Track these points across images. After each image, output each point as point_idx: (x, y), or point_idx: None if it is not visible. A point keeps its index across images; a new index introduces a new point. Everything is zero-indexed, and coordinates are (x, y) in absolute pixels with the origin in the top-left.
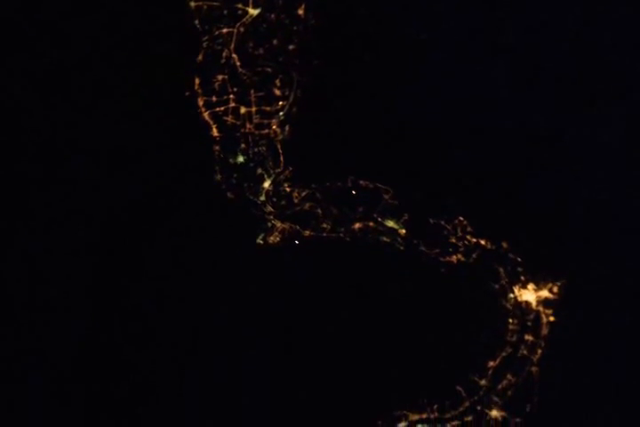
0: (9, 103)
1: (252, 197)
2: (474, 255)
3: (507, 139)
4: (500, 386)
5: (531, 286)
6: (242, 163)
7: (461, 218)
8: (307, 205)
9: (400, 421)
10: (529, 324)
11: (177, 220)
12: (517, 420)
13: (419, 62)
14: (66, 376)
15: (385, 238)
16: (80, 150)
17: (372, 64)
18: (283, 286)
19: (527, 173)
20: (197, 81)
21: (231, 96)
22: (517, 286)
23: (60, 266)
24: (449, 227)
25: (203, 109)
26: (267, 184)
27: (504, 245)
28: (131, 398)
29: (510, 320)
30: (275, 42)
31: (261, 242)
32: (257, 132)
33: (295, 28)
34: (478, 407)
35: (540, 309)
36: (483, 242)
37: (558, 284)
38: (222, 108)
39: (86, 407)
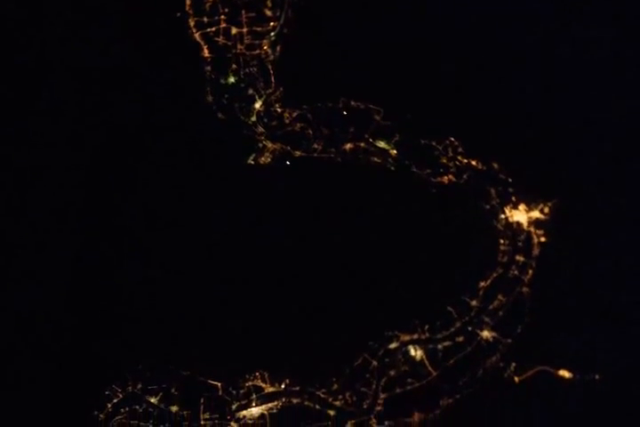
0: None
1: (243, 118)
2: (465, 176)
3: (497, 59)
4: (490, 307)
5: (522, 207)
6: (233, 83)
7: (452, 138)
8: (298, 126)
9: (391, 341)
10: (520, 244)
11: (169, 140)
12: (508, 341)
13: None
14: (62, 291)
15: (376, 159)
16: (73, 72)
17: None
18: (274, 206)
19: (518, 94)
20: (188, 2)
21: (222, 17)
22: (508, 207)
23: (53, 185)
24: (440, 147)
25: (194, 30)
26: (258, 105)
27: (495, 165)
28: (124, 317)
29: (501, 241)
30: None
31: (252, 162)
32: (248, 53)
33: None
34: (469, 328)
35: (532, 229)
36: (474, 162)
37: (549, 204)
38: (213, 29)
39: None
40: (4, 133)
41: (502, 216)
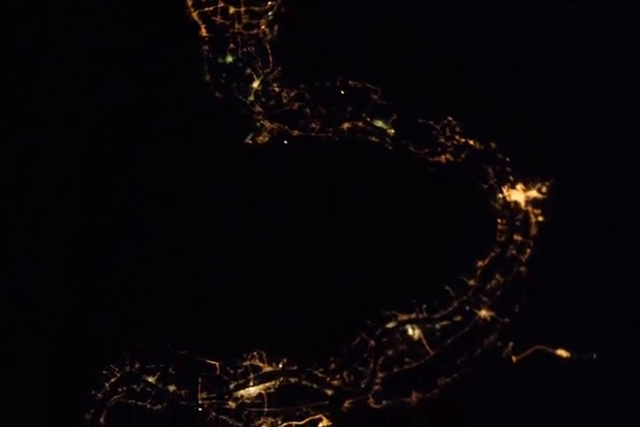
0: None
1: (240, 97)
2: (462, 155)
3: (496, 37)
4: (488, 286)
5: (519, 186)
6: (231, 63)
7: (450, 118)
8: (295, 105)
9: (389, 321)
10: (518, 224)
11: (166, 120)
12: (506, 320)
13: None
14: (60, 270)
15: (374, 138)
16: (70, 51)
17: None
18: (271, 184)
19: (515, 72)
20: None
21: None
22: (506, 186)
23: (50, 164)
24: (438, 127)
25: (191, 9)
26: (255, 84)
27: (493, 145)
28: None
29: (499, 220)
30: None
31: (250, 142)
32: (246, 33)
33: None
34: (467, 307)
35: (529, 209)
36: (471, 142)
37: (547, 184)
38: (211, 8)
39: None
40: (1, 113)
41: (500, 196)
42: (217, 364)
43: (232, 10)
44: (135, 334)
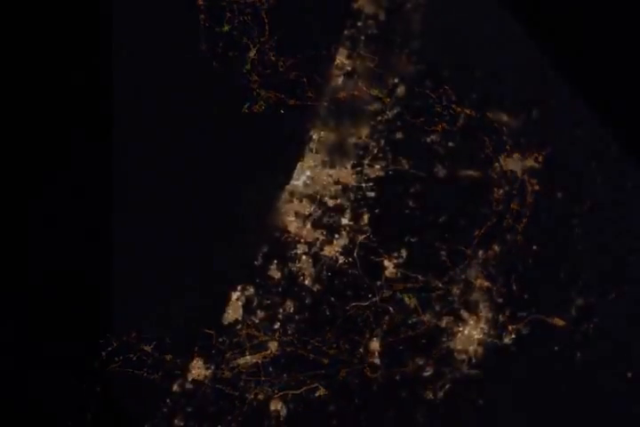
0: None
1: (237, 66)
2: (459, 124)
3: (493, 8)
4: (485, 256)
5: (516, 156)
6: (227, 32)
7: (447, 86)
8: (292, 74)
9: (385, 290)
10: (514, 193)
11: (161, 90)
12: (502, 289)
13: None
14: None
15: (369, 107)
16: (65, 22)
17: None
18: (268, 156)
19: (513, 44)
20: None
21: None
22: (503, 156)
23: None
24: (434, 96)
25: None
26: (252, 53)
27: (489, 114)
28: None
29: (495, 189)
30: None
31: (246, 111)
32: (242, 1)
33: None
34: (463, 277)
35: (526, 178)
36: (468, 111)
37: (544, 153)
38: None
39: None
40: None
41: (496, 165)
42: (213, 333)
43: None
44: (131, 302)
